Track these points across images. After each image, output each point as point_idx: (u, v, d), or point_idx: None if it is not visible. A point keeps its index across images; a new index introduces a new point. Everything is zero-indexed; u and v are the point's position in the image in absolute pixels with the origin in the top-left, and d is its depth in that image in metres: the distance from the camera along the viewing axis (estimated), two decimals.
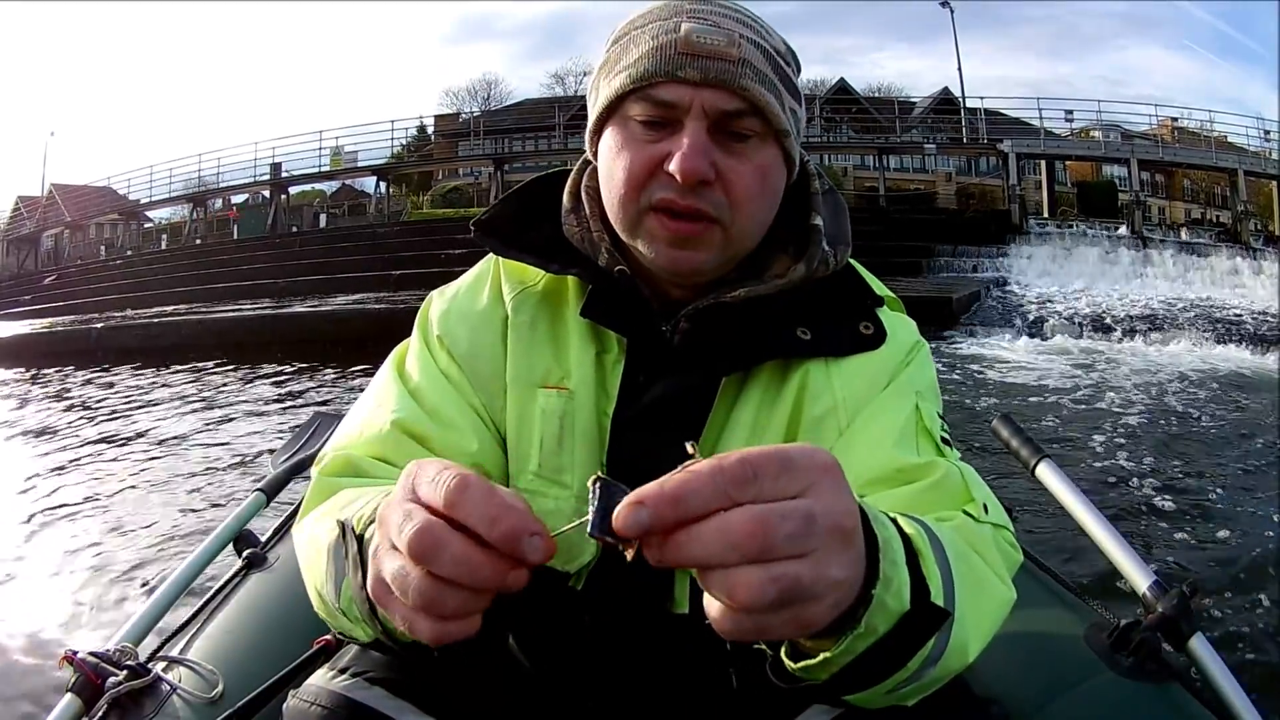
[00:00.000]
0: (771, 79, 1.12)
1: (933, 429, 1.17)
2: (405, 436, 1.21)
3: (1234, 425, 8.04)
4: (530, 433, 1.25)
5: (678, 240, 1.13)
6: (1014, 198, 27.89)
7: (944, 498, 1.07)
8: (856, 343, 1.22)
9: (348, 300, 17.51)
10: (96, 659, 1.52)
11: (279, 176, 35.19)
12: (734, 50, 1.08)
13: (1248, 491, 5.69)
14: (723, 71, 1.08)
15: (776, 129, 1.13)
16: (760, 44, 1.12)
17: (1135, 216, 26.95)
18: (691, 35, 1.08)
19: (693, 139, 1.08)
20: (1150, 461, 6.41)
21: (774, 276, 1.22)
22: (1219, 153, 30.98)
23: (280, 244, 30.82)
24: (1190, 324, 15.48)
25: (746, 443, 1.19)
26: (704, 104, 1.09)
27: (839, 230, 1.27)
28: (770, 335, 1.21)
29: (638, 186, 1.13)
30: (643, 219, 1.15)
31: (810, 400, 1.20)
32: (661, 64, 1.09)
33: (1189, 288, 20.83)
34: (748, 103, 1.09)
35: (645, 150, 1.12)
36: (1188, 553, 4.55)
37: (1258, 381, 10.98)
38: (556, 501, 1.23)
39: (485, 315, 1.31)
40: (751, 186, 1.12)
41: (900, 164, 39.57)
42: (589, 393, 1.25)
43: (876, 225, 23.93)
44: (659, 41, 1.10)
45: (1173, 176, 38.70)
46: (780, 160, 1.16)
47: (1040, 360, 12.59)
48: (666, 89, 1.09)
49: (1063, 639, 1.65)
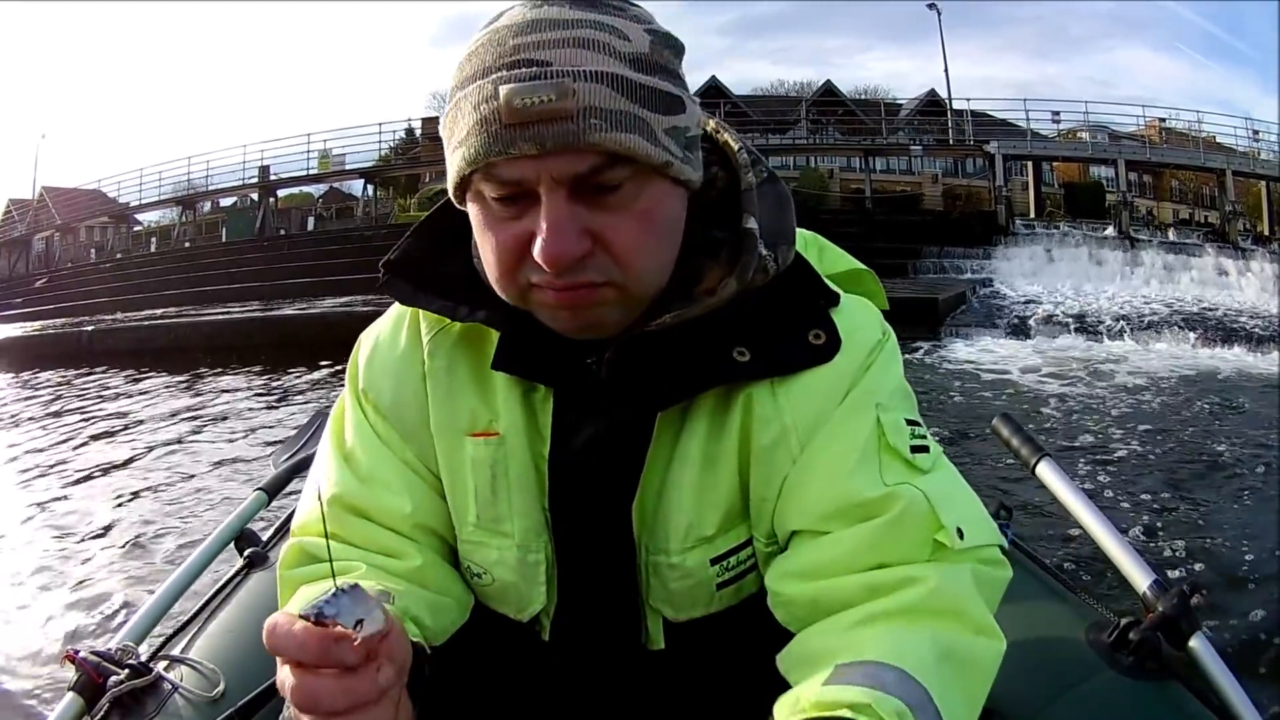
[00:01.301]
0: (630, 112, 0.93)
1: (898, 443, 1.07)
2: (345, 512, 1.19)
3: (1229, 424, 8.06)
4: (463, 484, 1.20)
5: (571, 310, 1.01)
6: (1000, 199, 27.85)
7: (907, 532, 1.01)
8: (806, 356, 1.09)
9: (336, 303, 17.48)
10: (98, 658, 1.52)
11: (267, 179, 35.08)
12: (569, 102, 0.89)
13: (1246, 491, 5.71)
14: (562, 135, 0.90)
15: (652, 166, 0.96)
16: (607, 69, 0.92)
17: (1122, 217, 27.04)
18: (513, 101, 0.89)
19: (551, 217, 0.93)
20: (1144, 461, 6.44)
21: (704, 293, 1.07)
22: (1207, 153, 31.05)
23: (269, 247, 30.74)
24: (1177, 324, 15.48)
25: (699, 477, 1.13)
26: (552, 174, 0.92)
27: (781, 227, 1.12)
28: (704, 361, 1.09)
29: (510, 271, 1.00)
30: (528, 295, 1.02)
31: (758, 428, 1.10)
32: (490, 144, 0.92)
33: (1176, 288, 20.84)
34: (603, 155, 0.92)
35: (507, 230, 0.98)
36: (1188, 552, 4.56)
37: (1248, 380, 10.98)
38: (500, 551, 1.20)
39: (405, 361, 1.23)
40: (636, 239, 0.98)
41: (886, 166, 39.48)
42: (520, 437, 1.17)
43: (862, 227, 23.90)
44: (481, 114, 0.92)
45: (1161, 177, 38.86)
46: (669, 191, 1.00)
47: (1026, 360, 12.57)
48: (505, 168, 0.93)
49: (1063, 638, 1.64)
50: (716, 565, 1.16)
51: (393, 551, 1.18)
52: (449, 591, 1.22)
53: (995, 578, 1.05)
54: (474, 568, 1.23)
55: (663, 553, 1.15)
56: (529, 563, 1.19)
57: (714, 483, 1.13)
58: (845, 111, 41.43)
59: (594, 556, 1.18)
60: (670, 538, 1.14)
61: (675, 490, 1.13)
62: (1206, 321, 15.89)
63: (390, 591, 0.99)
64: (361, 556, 1.16)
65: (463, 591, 1.24)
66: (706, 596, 1.18)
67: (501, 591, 1.23)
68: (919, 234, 24.81)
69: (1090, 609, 1.75)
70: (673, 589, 1.17)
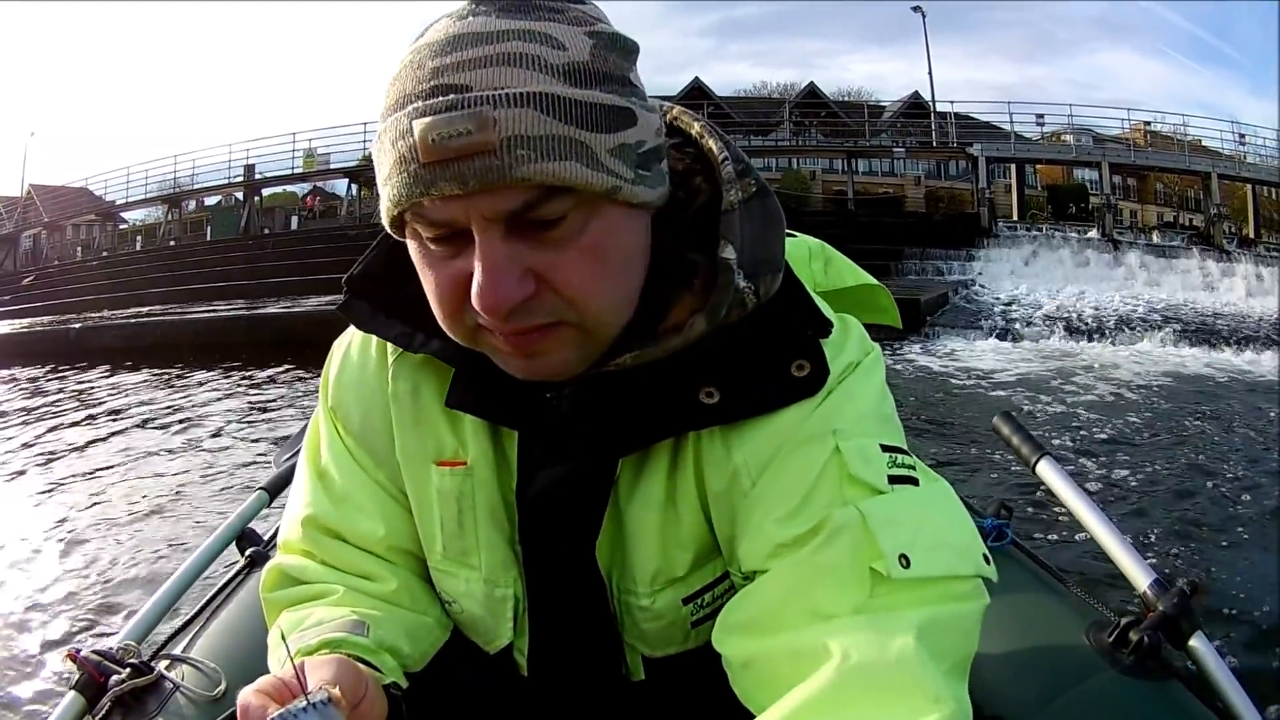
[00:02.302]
0: (565, 135, 0.82)
1: (864, 473, 0.93)
2: (320, 534, 1.18)
3: (1225, 424, 8.15)
4: (430, 513, 1.16)
5: (522, 354, 0.92)
6: (983, 201, 27.89)
7: (834, 561, 0.88)
8: (785, 393, 0.98)
9: (319, 301, 17.45)
10: (100, 657, 1.52)
11: (252, 178, 35.00)
12: (490, 134, 0.79)
13: (1246, 490, 5.75)
14: (485, 171, 0.80)
15: (594, 194, 0.85)
16: (535, 89, 0.82)
17: (1106, 220, 27.12)
18: (428, 139, 0.80)
19: (485, 262, 0.84)
20: (1141, 461, 6.47)
21: (669, 331, 0.96)
22: (1192, 156, 31.16)
23: (254, 245, 30.73)
24: (1158, 324, 15.57)
25: (661, 517, 1.06)
26: (481, 214, 0.83)
27: (767, 253, 0.99)
28: (667, 403, 1.00)
29: (454, 313, 0.91)
30: (477, 336, 0.94)
31: (709, 471, 1.02)
32: (410, 184, 0.83)
33: (1159, 289, 20.93)
34: (536, 188, 0.82)
35: (445, 270, 0.89)
36: (1188, 551, 4.60)
37: (1238, 380, 11.14)
38: (467, 583, 1.17)
39: (373, 381, 1.17)
40: (586, 276, 0.88)
41: (869, 168, 39.77)
42: (488, 468, 1.11)
43: (844, 228, 23.87)
44: (399, 151, 0.83)
45: (1145, 180, 39.10)
46: (621, 218, 0.90)
47: (1006, 361, 12.67)
48: (431, 209, 0.84)
49: (1063, 637, 1.64)
50: (690, 604, 1.11)
51: (368, 574, 1.18)
52: (428, 612, 1.21)
53: (960, 615, 0.89)
54: (445, 595, 1.22)
55: (632, 594, 1.12)
56: (496, 597, 1.17)
57: (678, 523, 1.07)
58: (828, 113, 41.46)
59: (566, 593, 1.15)
60: (638, 581, 1.10)
61: (639, 533, 1.08)
62: (1189, 322, 16.00)
63: (366, 622, 1.04)
64: (339, 579, 1.16)
65: (440, 614, 1.23)
66: (680, 635, 1.15)
67: (471, 622, 1.22)
68: (901, 236, 24.80)
69: (1090, 608, 1.75)
70: (645, 629, 1.14)
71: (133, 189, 38.66)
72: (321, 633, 1.05)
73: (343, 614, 1.09)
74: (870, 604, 0.85)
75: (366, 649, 1.06)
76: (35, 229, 41.27)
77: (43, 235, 41.22)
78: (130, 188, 38.69)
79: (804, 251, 1.45)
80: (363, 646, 1.06)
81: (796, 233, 1.39)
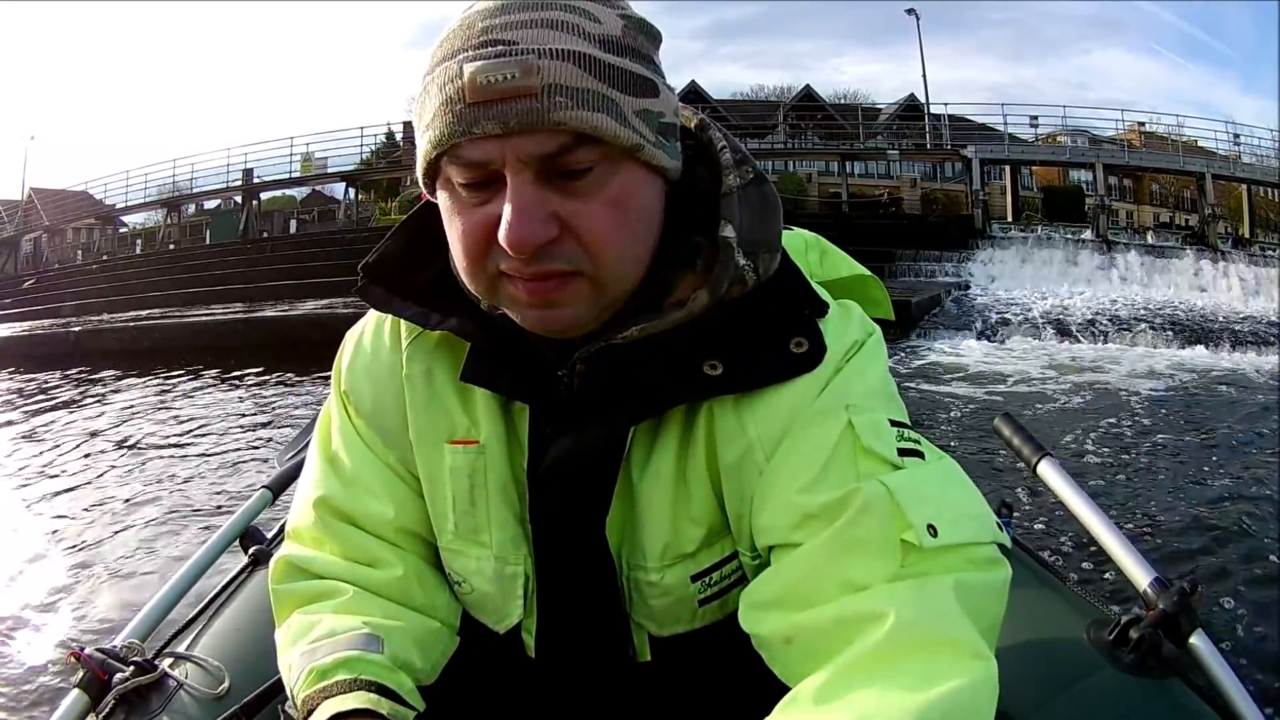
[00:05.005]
0: (598, 90, 0.90)
1: (877, 445, 0.98)
2: (331, 518, 1.20)
3: (1222, 424, 8.13)
4: (443, 492, 1.19)
5: (539, 302, 0.97)
6: (977, 203, 27.92)
7: (867, 533, 0.91)
8: (785, 367, 1.03)
9: (317, 305, 17.47)
10: (103, 655, 1.52)
11: (251, 182, 34.96)
12: (533, 79, 0.87)
13: (1246, 490, 5.76)
14: (525, 112, 0.87)
15: (621, 148, 0.92)
16: (575, 48, 0.89)
17: (1101, 221, 27.04)
18: (477, 79, 0.87)
19: (515, 201, 0.90)
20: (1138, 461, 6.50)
21: (673, 305, 1.02)
22: (1187, 157, 31.13)
23: (252, 249, 30.67)
24: (1153, 325, 15.56)
25: (673, 494, 1.10)
26: (517, 155, 0.89)
27: (765, 233, 1.05)
28: (673, 375, 1.04)
29: (478, 259, 0.96)
30: (496, 285, 0.99)
31: (723, 444, 1.06)
32: (454, 124, 0.89)
33: (1153, 290, 20.91)
34: (570, 135, 0.89)
35: (474, 216, 0.94)
36: (1188, 550, 4.61)
37: (1235, 380, 11.12)
38: (478, 561, 1.19)
39: (386, 365, 1.21)
40: (607, 226, 0.94)
41: (864, 170, 39.69)
42: (500, 447, 1.15)
43: (839, 230, 23.83)
44: (446, 94, 0.90)
45: (1141, 181, 39.03)
46: (642, 177, 0.97)
47: (998, 362, 12.67)
48: (470, 148, 0.90)
49: (1063, 635, 1.64)
50: (698, 582, 1.14)
51: (376, 560, 1.19)
52: (434, 608, 1.22)
53: (987, 581, 0.93)
54: (454, 575, 1.23)
55: (641, 569, 1.14)
56: (506, 575, 1.19)
57: (689, 499, 1.10)
58: (824, 116, 41.53)
59: (575, 571, 1.17)
60: (648, 556, 1.13)
61: (650, 508, 1.11)
62: (1182, 323, 15.95)
63: (379, 636, 1.06)
64: (347, 571, 1.17)
65: (448, 604, 1.25)
66: (689, 613, 1.17)
67: (480, 601, 1.23)
68: (895, 237, 24.80)
69: (1091, 606, 1.75)
70: (653, 605, 1.16)
71: (132, 193, 38.61)
72: (335, 648, 1.07)
73: (355, 625, 1.10)
74: (903, 572, 0.89)
75: (383, 668, 1.07)
76: (36, 232, 41.13)
77: (43, 239, 41.08)
78: (130, 191, 38.64)
79: (800, 243, 1.52)
80: (378, 665, 1.07)
81: (793, 227, 1.45)
